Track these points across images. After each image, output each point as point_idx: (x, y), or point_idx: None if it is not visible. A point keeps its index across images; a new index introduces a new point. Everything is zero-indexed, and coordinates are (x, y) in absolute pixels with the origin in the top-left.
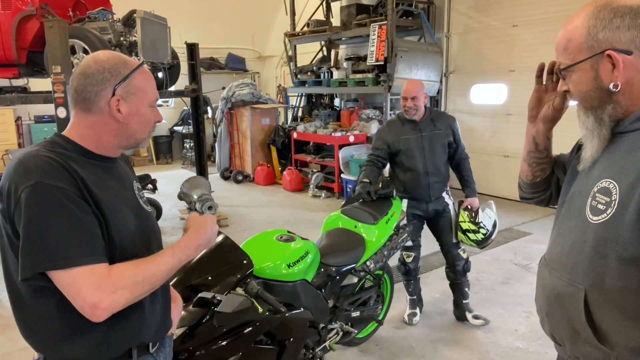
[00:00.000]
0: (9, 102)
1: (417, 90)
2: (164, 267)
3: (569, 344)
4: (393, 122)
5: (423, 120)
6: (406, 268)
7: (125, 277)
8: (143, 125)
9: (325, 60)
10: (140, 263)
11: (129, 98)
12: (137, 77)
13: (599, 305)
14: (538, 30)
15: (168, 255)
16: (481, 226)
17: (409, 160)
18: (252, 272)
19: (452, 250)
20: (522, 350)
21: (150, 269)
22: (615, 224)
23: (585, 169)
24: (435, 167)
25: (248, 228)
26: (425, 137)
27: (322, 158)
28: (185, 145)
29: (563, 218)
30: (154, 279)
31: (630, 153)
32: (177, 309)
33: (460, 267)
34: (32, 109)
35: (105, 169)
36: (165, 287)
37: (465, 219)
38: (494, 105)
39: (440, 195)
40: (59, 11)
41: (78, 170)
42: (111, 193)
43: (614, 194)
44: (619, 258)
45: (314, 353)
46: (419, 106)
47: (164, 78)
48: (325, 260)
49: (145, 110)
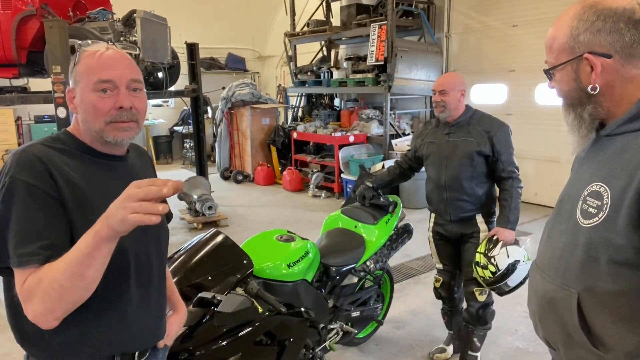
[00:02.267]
0: (9, 102)
1: (447, 83)
2: (63, 266)
3: (564, 348)
4: (429, 123)
5: (457, 123)
6: (438, 294)
7: (32, 283)
8: (90, 113)
9: (325, 60)
10: (49, 265)
11: (77, 86)
12: (81, 62)
13: (592, 309)
14: (538, 30)
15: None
16: (492, 262)
17: (430, 169)
18: (252, 272)
19: (469, 285)
20: (522, 350)
21: (52, 270)
22: (607, 227)
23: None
24: (455, 181)
25: (248, 228)
26: (451, 143)
27: (322, 158)
28: (185, 145)
29: (553, 222)
30: (55, 283)
31: (618, 156)
32: (178, 321)
33: (474, 310)
34: (32, 109)
35: (108, 167)
36: (161, 295)
37: (481, 248)
38: (494, 105)
39: (469, 218)
40: (59, 11)
41: (65, 166)
42: (104, 193)
43: (605, 197)
44: (611, 261)
45: (314, 353)
46: (448, 103)
47: (164, 78)
48: (325, 260)
49: (89, 96)
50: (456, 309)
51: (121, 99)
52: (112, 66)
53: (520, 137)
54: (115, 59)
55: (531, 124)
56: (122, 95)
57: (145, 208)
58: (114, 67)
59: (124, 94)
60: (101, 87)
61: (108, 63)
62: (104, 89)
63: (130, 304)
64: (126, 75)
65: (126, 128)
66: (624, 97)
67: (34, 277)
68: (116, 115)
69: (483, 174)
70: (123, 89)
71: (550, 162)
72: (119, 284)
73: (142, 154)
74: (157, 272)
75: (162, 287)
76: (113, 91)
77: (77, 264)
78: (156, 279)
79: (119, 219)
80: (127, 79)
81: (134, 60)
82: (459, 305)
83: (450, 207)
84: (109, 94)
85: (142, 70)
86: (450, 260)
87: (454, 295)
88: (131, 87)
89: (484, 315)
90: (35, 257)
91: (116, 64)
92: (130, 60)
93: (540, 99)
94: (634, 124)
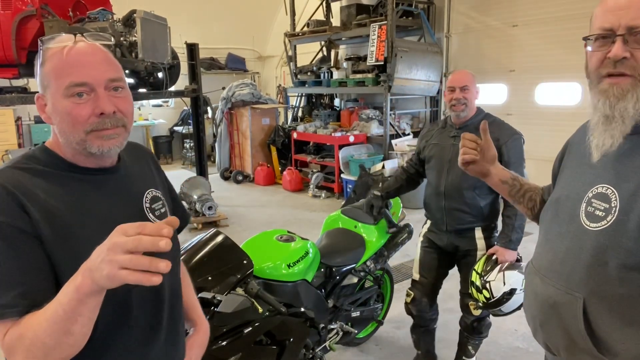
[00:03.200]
0: (9, 102)
1: (468, 79)
2: (44, 323)
3: (566, 354)
4: (435, 124)
5: (465, 125)
6: (407, 309)
7: (13, 337)
8: (66, 123)
9: (325, 60)
10: (30, 318)
11: (46, 92)
12: (47, 63)
13: (598, 313)
14: (538, 30)
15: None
16: (486, 287)
17: (430, 173)
18: (252, 272)
19: (465, 298)
20: (522, 350)
21: (33, 326)
22: (617, 231)
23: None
24: (455, 189)
25: (248, 228)
26: (456, 147)
27: (322, 158)
28: (185, 146)
29: (550, 223)
30: (38, 340)
31: (626, 158)
32: (198, 342)
33: (469, 322)
34: (32, 109)
35: (96, 184)
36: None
37: (479, 268)
38: (494, 105)
39: (467, 230)
40: (59, 11)
41: (41, 192)
42: (93, 216)
43: (614, 200)
44: (621, 265)
45: (314, 353)
46: (469, 100)
47: (164, 78)
48: (325, 260)
49: (61, 103)
50: (427, 328)
51: (101, 104)
52: (84, 64)
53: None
54: (87, 54)
55: (531, 124)
56: (102, 98)
57: (139, 264)
58: (86, 66)
59: (104, 97)
60: (75, 92)
61: (79, 61)
62: (78, 92)
63: (136, 337)
64: (103, 74)
65: (112, 135)
66: None
67: (14, 331)
68: (97, 122)
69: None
70: (101, 91)
71: (550, 162)
72: (120, 318)
73: (142, 155)
74: (168, 292)
75: (174, 309)
76: (90, 94)
77: (60, 321)
78: (167, 302)
79: (104, 274)
80: (105, 79)
81: (109, 52)
82: (431, 326)
83: (447, 217)
84: (86, 98)
85: (142, 71)
86: (431, 272)
87: (426, 315)
88: (111, 86)
89: (479, 327)
90: (11, 309)
91: (89, 61)
92: (105, 53)
93: (540, 99)
94: None
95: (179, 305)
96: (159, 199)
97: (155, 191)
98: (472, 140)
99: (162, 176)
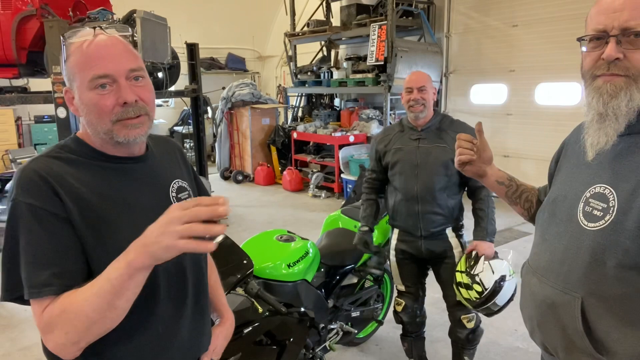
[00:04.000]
0: (9, 102)
1: (424, 80)
2: (90, 297)
3: (564, 354)
4: (391, 128)
5: (427, 127)
6: (399, 319)
7: (53, 314)
8: (93, 114)
9: (325, 60)
10: (72, 294)
11: (72, 86)
12: (71, 58)
13: (596, 313)
14: (538, 30)
15: (101, 278)
16: (476, 281)
17: (398, 178)
18: (252, 272)
19: (455, 312)
20: (522, 350)
21: (77, 301)
22: (615, 230)
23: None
24: (428, 192)
25: (248, 228)
26: (422, 150)
27: (322, 158)
28: (185, 145)
29: (548, 223)
30: (82, 314)
31: (623, 157)
32: (224, 333)
33: (463, 336)
34: (32, 109)
35: (125, 172)
36: (198, 307)
37: (462, 267)
38: (494, 105)
39: (440, 232)
40: (59, 11)
41: (73, 180)
42: (121, 203)
43: (612, 200)
44: (619, 265)
45: (314, 353)
46: (427, 100)
47: (164, 78)
48: (325, 260)
49: (87, 95)
50: (418, 334)
51: (124, 94)
52: (104, 57)
53: (520, 137)
54: (107, 47)
55: (531, 124)
56: (123, 88)
57: (196, 231)
58: (107, 58)
59: (125, 87)
60: (98, 84)
61: (99, 54)
62: (102, 84)
63: (162, 322)
64: (123, 65)
65: (136, 125)
66: None
67: (54, 307)
68: (122, 112)
69: (456, 184)
70: (123, 81)
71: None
72: (147, 302)
73: (171, 148)
74: (192, 282)
75: (200, 298)
76: (112, 85)
77: (107, 295)
78: (191, 290)
79: (163, 246)
80: (126, 69)
81: (129, 43)
82: (421, 330)
83: (421, 222)
84: (109, 89)
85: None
86: (414, 281)
87: (416, 320)
88: (131, 76)
89: (474, 338)
90: (48, 287)
91: (109, 52)
92: (124, 45)
93: (540, 99)
94: None
95: (203, 296)
96: (185, 189)
97: (182, 182)
98: (467, 141)
99: (189, 168)
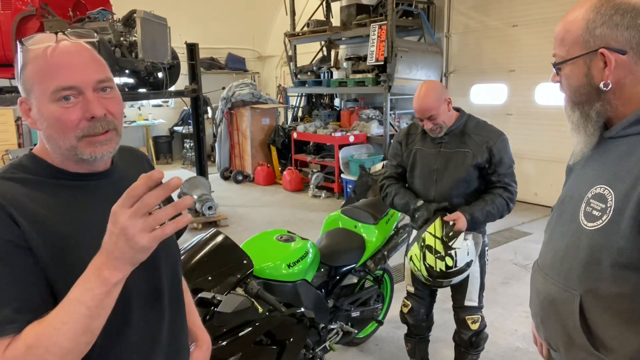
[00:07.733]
0: (9, 102)
1: (431, 106)
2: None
3: (564, 350)
4: (415, 127)
5: (450, 131)
6: (403, 319)
7: (17, 353)
8: (55, 129)
9: (325, 60)
10: (35, 327)
11: (30, 96)
12: (29, 65)
13: (594, 311)
14: (538, 30)
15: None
16: (450, 254)
17: (416, 181)
18: (252, 272)
19: (460, 313)
20: (522, 350)
21: (45, 333)
22: (611, 230)
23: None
24: (444, 199)
25: (248, 228)
26: (443, 154)
27: (322, 158)
28: (185, 145)
29: (555, 222)
30: (55, 346)
31: (623, 159)
32: (201, 357)
33: (466, 337)
34: None
35: (88, 190)
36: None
37: (435, 231)
38: (494, 105)
39: None
40: (59, 11)
41: (30, 202)
42: (85, 223)
43: (609, 200)
44: (614, 264)
45: (314, 353)
46: (443, 122)
47: (164, 78)
48: (325, 260)
49: (48, 108)
50: (422, 337)
51: (91, 107)
52: (69, 66)
53: (520, 137)
54: (72, 54)
55: (531, 124)
56: (91, 102)
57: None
58: (72, 67)
59: (93, 99)
60: (62, 95)
61: (64, 62)
62: (65, 96)
63: (135, 348)
64: (91, 76)
65: (104, 141)
66: (632, 97)
67: (17, 345)
68: (89, 127)
69: (475, 190)
70: (90, 93)
71: (550, 162)
72: (118, 327)
73: (137, 158)
74: (169, 301)
75: (177, 319)
76: (78, 97)
77: (84, 318)
78: (167, 311)
79: (142, 245)
80: (93, 80)
81: (94, 50)
82: (426, 334)
83: None
84: (74, 102)
85: (142, 71)
86: (425, 285)
87: (423, 324)
88: (99, 87)
89: (477, 341)
90: (10, 325)
91: (74, 61)
92: (90, 52)
93: (540, 99)
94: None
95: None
96: None
97: None
98: None
99: None
